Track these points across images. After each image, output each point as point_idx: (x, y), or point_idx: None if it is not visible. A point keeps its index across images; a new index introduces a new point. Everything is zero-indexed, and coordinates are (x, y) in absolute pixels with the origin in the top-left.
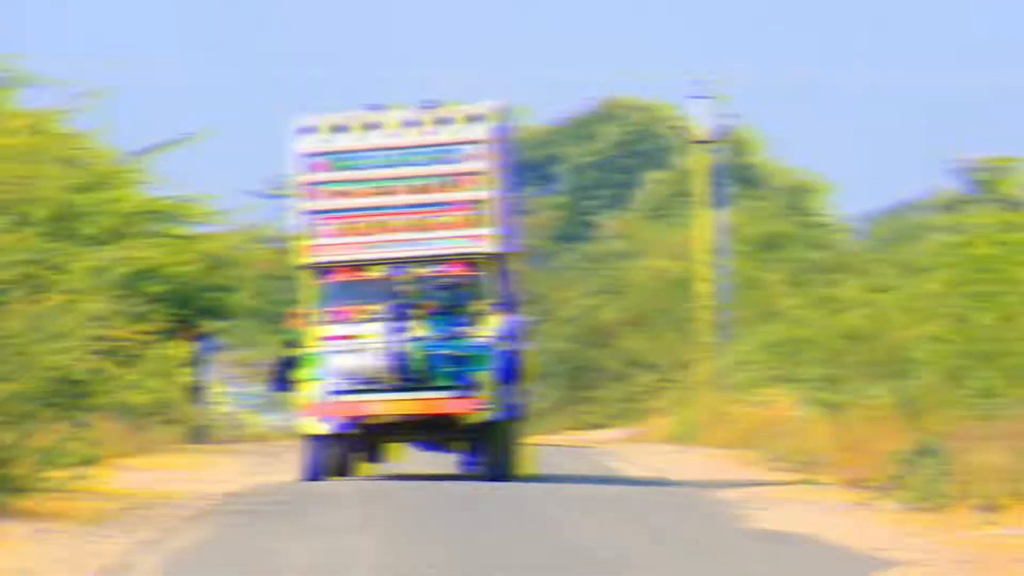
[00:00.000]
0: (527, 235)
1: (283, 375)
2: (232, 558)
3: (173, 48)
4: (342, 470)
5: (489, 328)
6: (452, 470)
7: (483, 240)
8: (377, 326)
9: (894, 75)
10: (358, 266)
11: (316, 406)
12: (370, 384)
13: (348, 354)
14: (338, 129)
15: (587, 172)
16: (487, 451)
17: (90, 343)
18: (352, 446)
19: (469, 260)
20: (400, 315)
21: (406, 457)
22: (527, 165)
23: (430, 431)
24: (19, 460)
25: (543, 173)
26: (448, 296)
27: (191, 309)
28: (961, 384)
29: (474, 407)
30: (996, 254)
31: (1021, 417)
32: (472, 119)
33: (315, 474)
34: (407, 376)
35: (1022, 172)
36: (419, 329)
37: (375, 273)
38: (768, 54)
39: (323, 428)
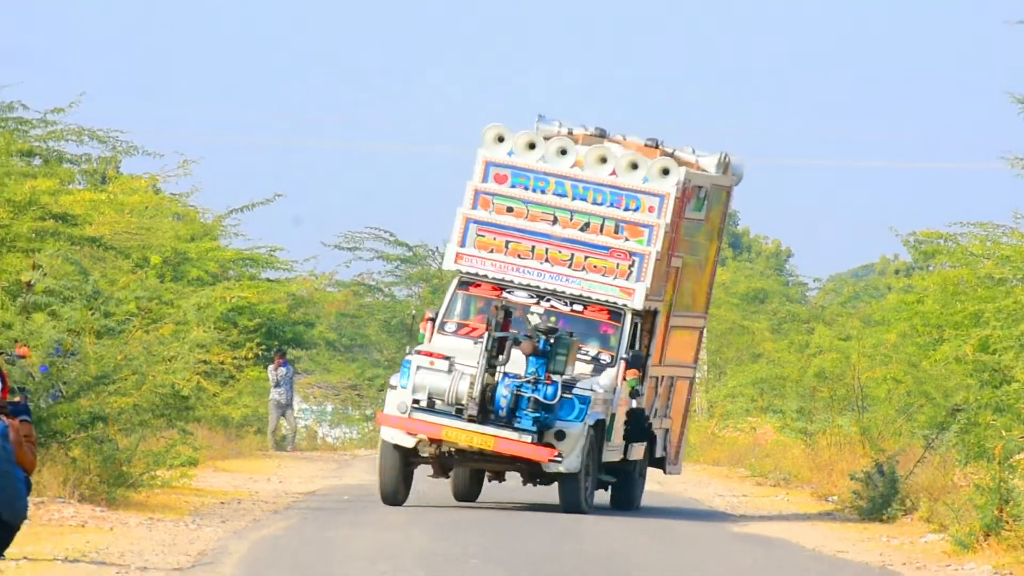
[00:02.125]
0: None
1: None
2: (306, 545)
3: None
4: (407, 486)
5: (595, 381)
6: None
7: (631, 293)
8: (476, 350)
9: (861, 160)
10: (501, 285)
11: (394, 418)
12: (453, 409)
13: (440, 374)
14: (530, 147)
15: None
16: (563, 494)
17: (195, 366)
18: (433, 466)
19: (611, 309)
20: (500, 348)
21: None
22: None
23: (508, 467)
24: (135, 461)
25: None
26: (546, 341)
27: (278, 340)
28: (910, 417)
29: (548, 456)
30: (939, 311)
31: (955, 445)
32: (663, 172)
33: (393, 496)
34: (492, 411)
35: (957, 244)
36: (517, 366)
37: (517, 298)
38: (757, 144)
39: (403, 441)
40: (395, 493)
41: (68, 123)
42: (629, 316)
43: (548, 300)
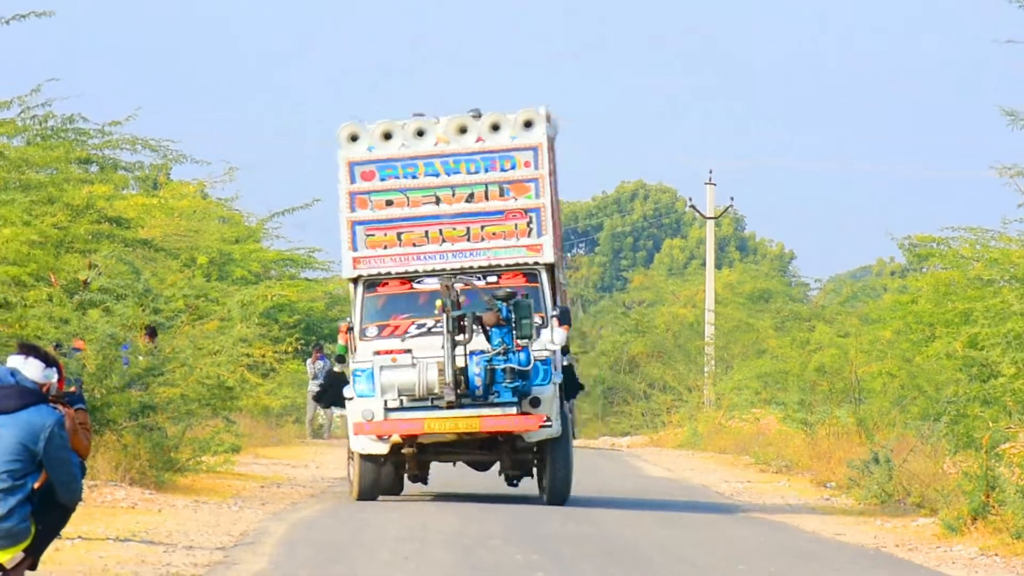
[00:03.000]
0: (570, 279)
1: (335, 391)
2: (340, 526)
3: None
4: (393, 489)
5: (546, 341)
6: (503, 491)
7: (538, 249)
8: (433, 339)
9: (858, 167)
10: (409, 278)
11: (371, 424)
12: (428, 401)
13: (404, 369)
14: (387, 136)
15: (622, 238)
16: (547, 470)
17: (238, 359)
18: (401, 465)
19: (525, 270)
20: (459, 328)
21: (452, 477)
22: (577, 232)
23: (487, 450)
24: (182, 447)
25: (590, 238)
26: (508, 308)
27: (315, 335)
28: (904, 409)
29: (538, 424)
30: (932, 310)
31: (946, 436)
32: (525, 125)
33: (371, 494)
34: (468, 392)
35: (948, 248)
36: (478, 342)
37: (427, 285)
38: (761, 151)
39: (378, 448)
40: (372, 492)
41: (124, 133)
42: (544, 272)
43: (459, 279)
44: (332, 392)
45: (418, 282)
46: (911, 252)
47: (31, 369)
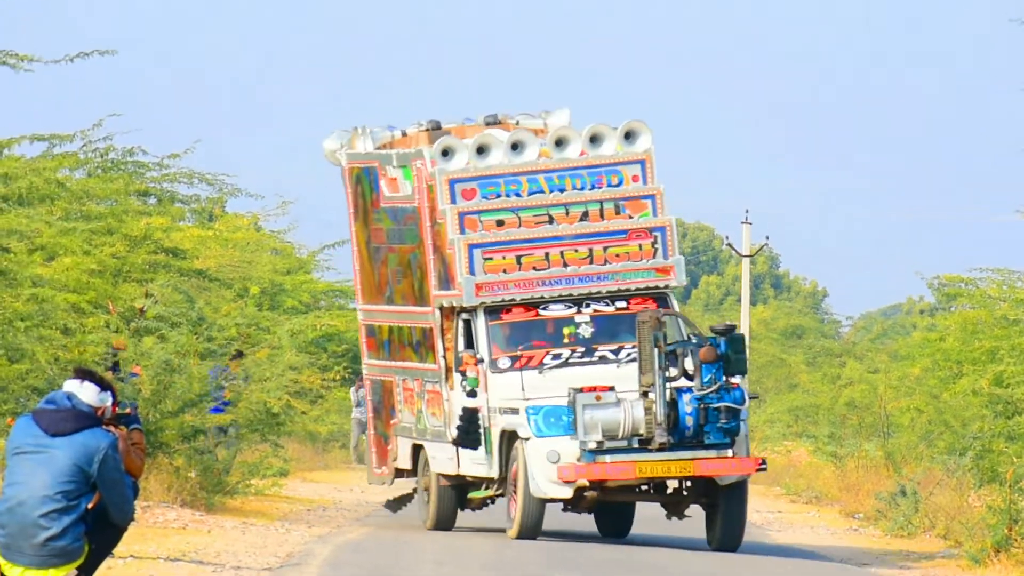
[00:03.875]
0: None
1: (471, 429)
2: (383, 548)
3: None
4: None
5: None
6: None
7: (668, 272)
8: (592, 370)
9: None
10: (533, 304)
11: (575, 469)
12: (627, 442)
13: (609, 407)
14: (480, 151)
15: None
16: (722, 514)
17: (287, 386)
18: (584, 506)
19: (655, 295)
20: (671, 361)
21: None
22: None
23: (675, 492)
24: (231, 471)
25: None
26: (725, 342)
27: (360, 364)
28: (932, 444)
29: (755, 467)
30: (959, 348)
31: (971, 470)
32: (627, 137)
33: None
34: (681, 432)
35: (976, 288)
36: (686, 378)
37: (552, 312)
38: (796, 191)
39: (560, 492)
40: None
41: (181, 167)
42: (674, 297)
43: (588, 305)
44: (474, 431)
45: (544, 308)
46: (940, 292)
47: (87, 393)
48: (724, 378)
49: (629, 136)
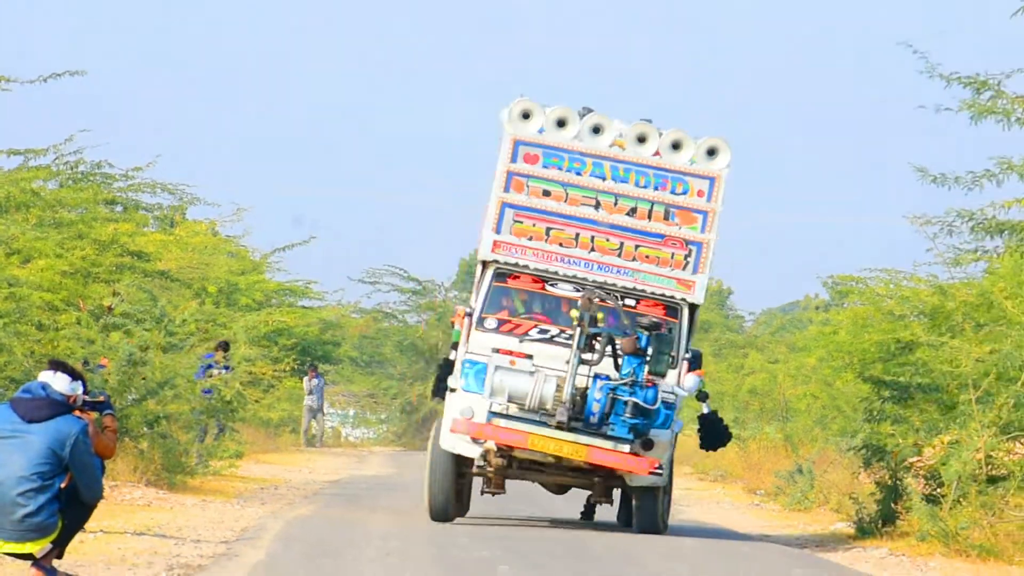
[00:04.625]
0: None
1: (441, 380)
2: (330, 524)
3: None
4: (463, 500)
5: (673, 384)
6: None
7: (690, 287)
8: (556, 350)
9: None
10: (545, 278)
11: (470, 424)
12: (535, 414)
13: (519, 375)
14: (560, 124)
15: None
16: (641, 516)
17: (241, 376)
18: (490, 478)
19: (667, 303)
20: (590, 346)
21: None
22: None
23: (584, 478)
24: (190, 453)
25: None
26: (648, 338)
27: (310, 356)
28: (825, 427)
29: (648, 469)
30: (851, 341)
31: (860, 450)
32: (709, 152)
33: (445, 514)
34: (582, 417)
35: (866, 286)
36: (606, 367)
37: (561, 290)
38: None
39: (469, 451)
40: (446, 508)
41: (145, 178)
42: (687, 311)
43: (606, 295)
44: (442, 383)
45: (552, 285)
46: (833, 289)
47: (59, 383)
48: (642, 375)
49: (711, 152)
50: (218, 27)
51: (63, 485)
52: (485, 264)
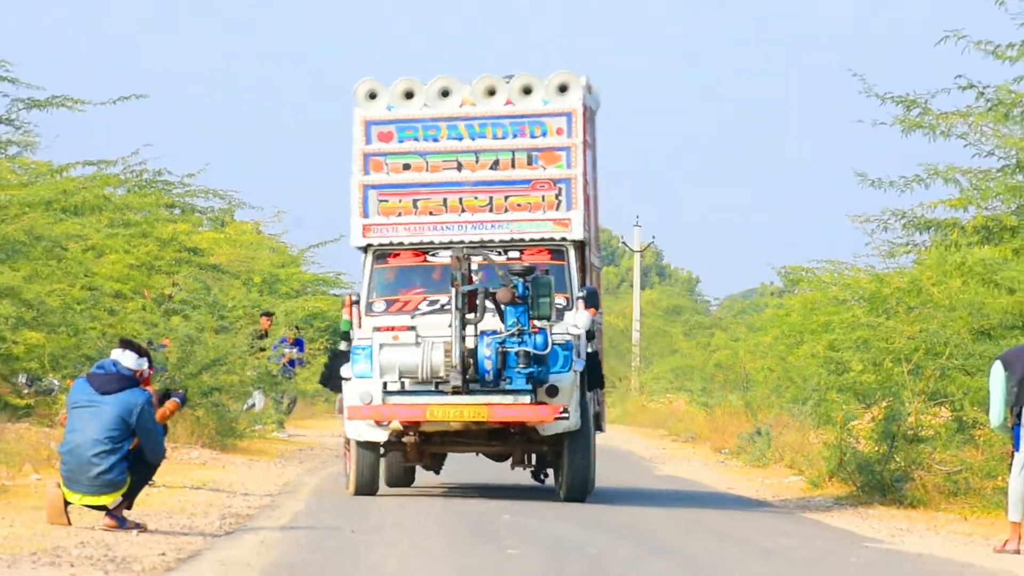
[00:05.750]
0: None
1: (334, 371)
2: None
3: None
4: (402, 480)
5: (570, 324)
6: (519, 482)
7: (566, 224)
8: (443, 318)
9: (746, 215)
10: (423, 250)
11: (366, 409)
12: (431, 385)
13: (406, 348)
14: (408, 95)
15: None
16: (565, 466)
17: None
18: (408, 454)
19: (551, 247)
20: (470, 305)
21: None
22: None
23: (500, 441)
24: (240, 419)
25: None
26: (525, 284)
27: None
28: (780, 395)
29: (553, 415)
30: (801, 322)
31: (810, 415)
32: (560, 89)
33: (370, 488)
34: (477, 377)
35: (814, 275)
36: (491, 323)
37: (443, 258)
38: (677, 199)
39: (375, 435)
40: (372, 484)
41: (199, 184)
42: (572, 250)
43: (477, 253)
44: (336, 374)
45: (433, 254)
46: (786, 278)
47: (128, 360)
48: (528, 321)
49: (563, 88)
50: (264, 59)
51: (131, 447)
52: (363, 250)
